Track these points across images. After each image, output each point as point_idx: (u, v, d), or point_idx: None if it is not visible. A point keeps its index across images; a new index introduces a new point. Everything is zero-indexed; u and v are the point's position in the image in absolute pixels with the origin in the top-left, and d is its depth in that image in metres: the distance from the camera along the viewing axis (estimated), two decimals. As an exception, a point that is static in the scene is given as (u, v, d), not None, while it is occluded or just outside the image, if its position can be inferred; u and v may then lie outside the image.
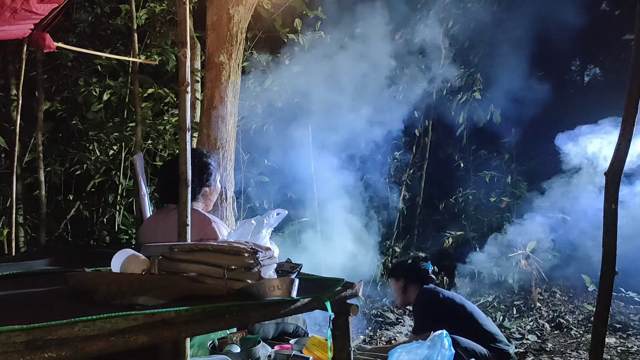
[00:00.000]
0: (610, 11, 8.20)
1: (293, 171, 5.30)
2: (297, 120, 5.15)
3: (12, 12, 2.89)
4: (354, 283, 1.87)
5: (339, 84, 4.90)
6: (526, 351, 4.82)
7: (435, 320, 3.39)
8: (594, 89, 8.33)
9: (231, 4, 3.70)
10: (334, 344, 1.85)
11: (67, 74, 5.47)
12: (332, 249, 5.51)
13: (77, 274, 1.64)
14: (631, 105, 1.87)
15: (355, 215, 5.79)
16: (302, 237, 5.32)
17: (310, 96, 4.94)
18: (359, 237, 5.72)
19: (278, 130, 5.44)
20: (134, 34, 4.63)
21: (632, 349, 4.80)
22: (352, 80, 5.00)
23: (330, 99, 4.93)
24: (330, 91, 4.88)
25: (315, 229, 5.31)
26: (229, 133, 3.80)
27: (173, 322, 1.42)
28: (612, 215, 1.90)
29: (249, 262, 1.59)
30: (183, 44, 1.97)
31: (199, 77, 4.38)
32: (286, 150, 5.28)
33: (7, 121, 4.96)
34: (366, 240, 5.82)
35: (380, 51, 5.39)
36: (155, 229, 2.67)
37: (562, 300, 6.28)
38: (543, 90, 6.60)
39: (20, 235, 4.79)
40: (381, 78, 5.41)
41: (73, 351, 1.25)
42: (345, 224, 5.73)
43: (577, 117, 5.46)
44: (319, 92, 4.87)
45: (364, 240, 5.79)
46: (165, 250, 1.67)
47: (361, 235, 5.73)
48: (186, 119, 1.97)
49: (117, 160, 5.40)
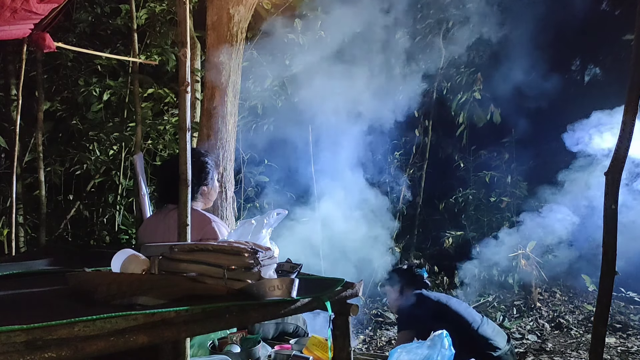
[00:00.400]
0: (610, 11, 8.19)
1: (293, 171, 5.30)
2: (296, 120, 5.15)
3: (12, 12, 2.90)
4: (354, 283, 1.86)
5: (338, 83, 4.90)
6: (526, 351, 4.83)
7: (417, 320, 3.45)
8: (594, 89, 8.33)
9: (231, 4, 3.70)
10: (334, 344, 1.85)
11: (67, 74, 5.47)
12: (332, 248, 5.51)
13: (77, 274, 1.64)
14: (631, 105, 1.87)
15: (355, 215, 5.78)
16: (302, 237, 5.32)
17: (310, 96, 4.94)
18: (359, 237, 5.72)
19: (278, 130, 5.44)
20: (134, 34, 4.63)
21: (632, 349, 4.80)
22: (351, 80, 5.00)
23: (329, 98, 4.93)
24: (330, 91, 4.87)
25: (314, 228, 5.30)
26: (229, 133, 3.80)
27: (173, 322, 1.42)
28: (612, 215, 1.90)
29: (249, 262, 1.59)
30: (183, 44, 1.97)
31: (199, 77, 4.38)
32: (286, 150, 5.28)
33: (7, 121, 4.96)
34: (366, 240, 5.82)
35: (380, 51, 5.38)
36: (155, 229, 2.67)
37: (562, 300, 6.29)
38: (543, 90, 6.60)
39: (20, 235, 4.79)
40: (381, 78, 5.41)
41: (73, 351, 1.25)
42: (345, 224, 5.73)
43: (578, 116, 5.45)
44: (318, 92, 4.86)
45: (364, 240, 5.79)
46: (165, 250, 1.67)
47: (361, 235, 5.73)
48: (186, 119, 1.97)
49: (117, 160, 5.40)
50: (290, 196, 5.70)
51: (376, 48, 5.32)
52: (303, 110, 5.07)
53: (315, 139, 5.31)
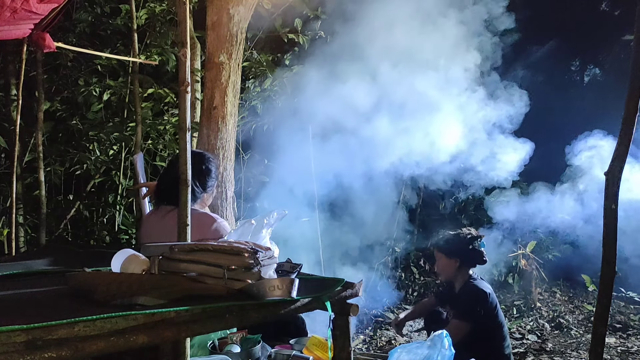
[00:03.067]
0: (610, 11, 8.20)
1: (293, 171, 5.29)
2: (296, 121, 5.14)
3: (12, 12, 2.89)
4: (354, 283, 1.87)
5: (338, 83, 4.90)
6: (526, 351, 4.83)
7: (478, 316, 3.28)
8: (594, 89, 8.33)
9: (231, 4, 3.70)
10: (334, 344, 1.85)
11: (67, 74, 5.46)
12: (332, 248, 5.51)
13: (77, 274, 1.64)
14: (631, 105, 1.87)
15: (355, 215, 5.78)
16: (302, 237, 5.31)
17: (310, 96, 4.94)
18: (359, 237, 5.72)
19: (278, 130, 5.43)
20: (134, 34, 4.63)
21: (632, 349, 4.80)
22: (351, 80, 4.99)
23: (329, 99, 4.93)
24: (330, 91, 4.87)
25: (314, 228, 5.30)
26: (229, 133, 3.80)
27: (173, 322, 1.42)
28: (612, 215, 1.90)
29: (249, 262, 1.59)
30: (183, 44, 1.97)
31: (199, 77, 4.37)
32: (286, 151, 5.27)
33: (7, 121, 4.96)
34: (366, 240, 5.82)
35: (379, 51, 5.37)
36: (152, 229, 2.67)
37: (562, 300, 6.29)
38: (543, 90, 6.60)
39: (20, 235, 4.78)
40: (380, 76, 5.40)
41: (73, 351, 1.25)
42: (345, 224, 5.73)
43: (578, 116, 5.46)
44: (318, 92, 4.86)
45: (363, 240, 5.78)
46: (165, 250, 1.67)
47: (361, 235, 5.73)
48: (186, 119, 1.97)
49: (117, 160, 5.40)
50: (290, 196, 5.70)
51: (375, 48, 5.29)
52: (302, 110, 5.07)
53: (315, 139, 5.30)
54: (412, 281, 6.60)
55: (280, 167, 5.29)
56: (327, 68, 4.86)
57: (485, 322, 3.30)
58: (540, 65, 7.55)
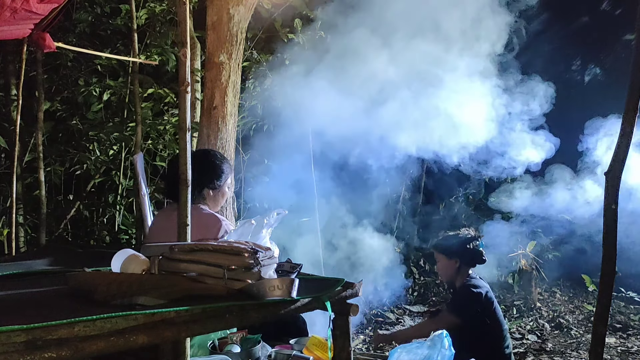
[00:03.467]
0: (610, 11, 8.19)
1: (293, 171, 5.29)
2: (297, 120, 5.14)
3: (12, 12, 2.89)
4: (354, 283, 1.87)
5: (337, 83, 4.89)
6: (526, 351, 4.83)
7: (470, 314, 3.30)
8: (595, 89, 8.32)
9: (231, 4, 3.70)
10: (334, 344, 1.85)
11: (67, 74, 5.46)
12: (332, 248, 5.51)
13: (77, 274, 1.64)
14: (631, 105, 1.87)
15: (355, 215, 5.78)
16: (302, 237, 5.32)
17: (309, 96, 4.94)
18: (359, 237, 5.72)
19: (278, 130, 5.43)
20: (134, 34, 4.63)
21: (632, 349, 4.80)
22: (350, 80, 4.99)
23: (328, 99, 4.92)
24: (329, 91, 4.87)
25: (314, 228, 5.30)
26: (229, 133, 3.80)
27: (173, 322, 1.42)
28: (612, 215, 1.90)
29: (249, 262, 1.59)
30: (183, 44, 1.97)
31: (199, 77, 4.37)
32: (286, 150, 5.27)
33: (7, 121, 4.96)
34: (366, 240, 5.81)
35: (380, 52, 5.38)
36: (161, 228, 2.67)
37: (562, 300, 6.29)
38: (542, 90, 6.59)
39: (20, 235, 4.78)
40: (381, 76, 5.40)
41: (73, 351, 1.25)
42: (345, 224, 5.73)
43: (578, 116, 5.45)
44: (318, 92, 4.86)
45: (363, 240, 5.78)
46: (165, 251, 1.67)
47: (361, 235, 5.72)
48: (186, 119, 1.97)
49: (117, 160, 5.40)
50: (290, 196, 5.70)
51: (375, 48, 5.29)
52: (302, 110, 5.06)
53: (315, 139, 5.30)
54: (412, 281, 6.61)
55: (280, 167, 5.29)
56: (327, 68, 4.86)
57: (479, 321, 3.31)
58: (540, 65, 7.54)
